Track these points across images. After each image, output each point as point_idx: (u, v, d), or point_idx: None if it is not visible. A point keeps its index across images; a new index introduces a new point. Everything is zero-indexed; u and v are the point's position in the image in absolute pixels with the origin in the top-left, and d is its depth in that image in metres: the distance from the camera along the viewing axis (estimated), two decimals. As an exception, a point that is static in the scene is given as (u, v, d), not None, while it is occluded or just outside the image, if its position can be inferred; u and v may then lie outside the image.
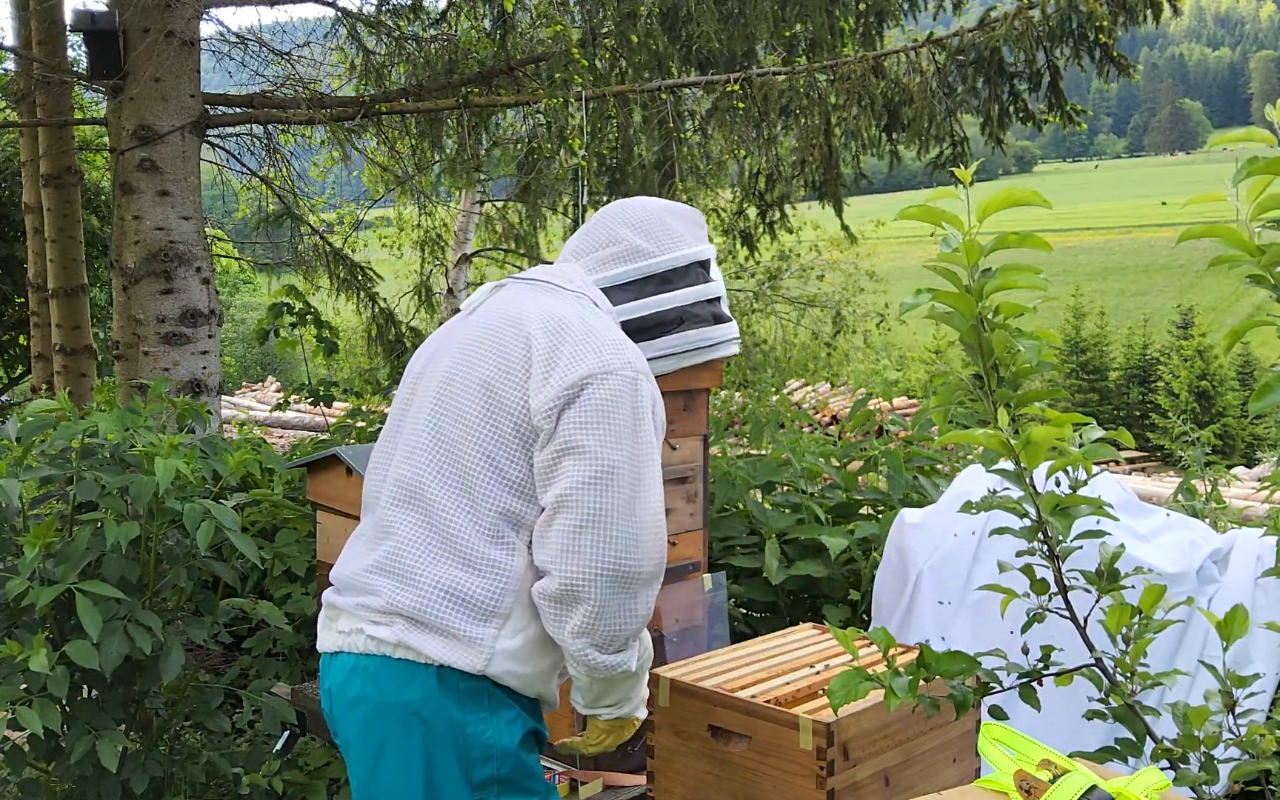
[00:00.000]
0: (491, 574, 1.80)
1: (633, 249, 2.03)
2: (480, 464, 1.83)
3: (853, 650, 1.81)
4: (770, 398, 8.03)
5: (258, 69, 6.65)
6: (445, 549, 1.82)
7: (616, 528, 1.74)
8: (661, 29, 6.07)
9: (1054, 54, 6.47)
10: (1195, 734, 1.81)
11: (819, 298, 14.24)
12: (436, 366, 1.97)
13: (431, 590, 1.80)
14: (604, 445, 1.76)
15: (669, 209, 2.10)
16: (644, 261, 2.02)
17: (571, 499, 1.75)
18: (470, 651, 1.78)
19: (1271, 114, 1.58)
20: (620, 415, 1.79)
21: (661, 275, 2.02)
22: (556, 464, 1.78)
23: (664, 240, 2.04)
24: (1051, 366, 1.83)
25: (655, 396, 1.87)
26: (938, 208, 1.75)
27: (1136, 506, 3.39)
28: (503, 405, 1.83)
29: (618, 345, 1.86)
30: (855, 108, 6.23)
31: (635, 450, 1.79)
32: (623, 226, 2.05)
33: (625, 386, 1.81)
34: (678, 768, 2.40)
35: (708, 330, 2.07)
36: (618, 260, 2.02)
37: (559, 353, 1.83)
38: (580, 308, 1.92)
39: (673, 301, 2.03)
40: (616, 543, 1.74)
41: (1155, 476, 13.69)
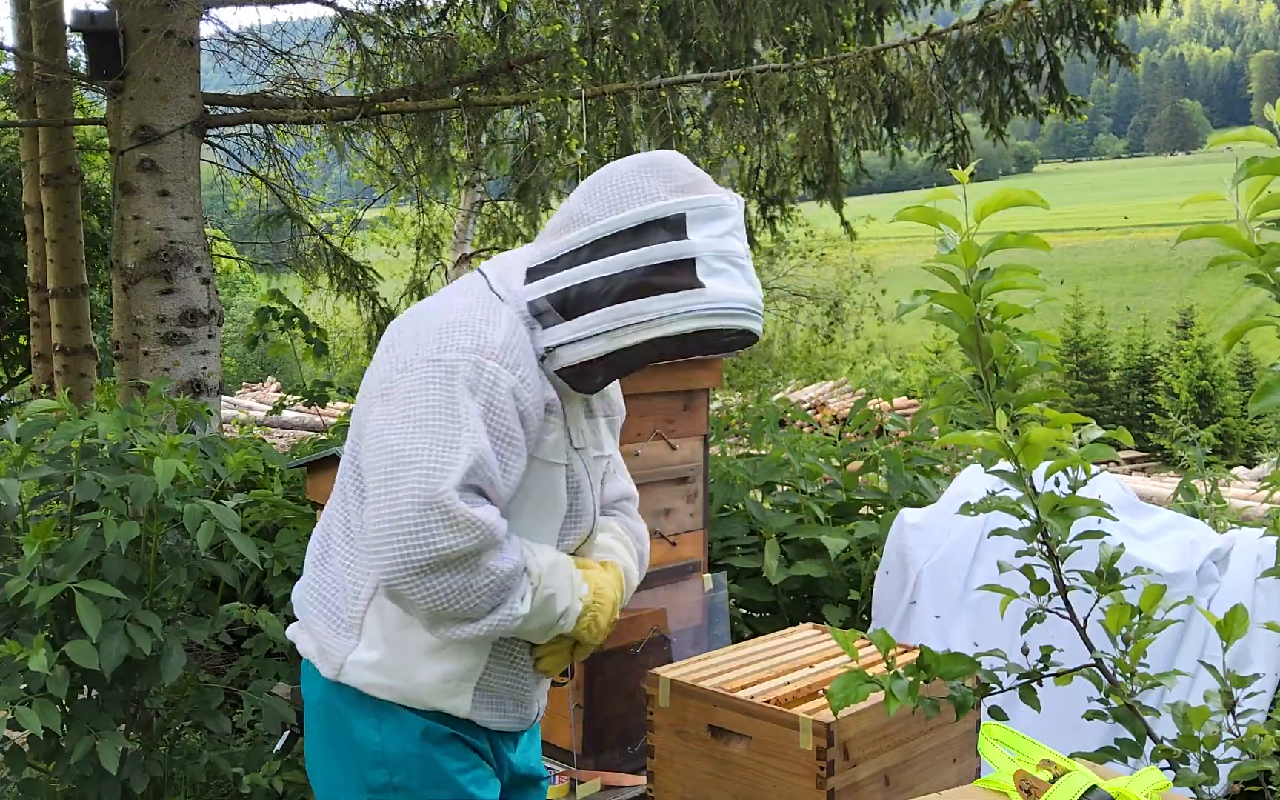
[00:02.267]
0: (346, 581, 1.74)
1: (572, 218, 1.73)
2: (348, 469, 1.77)
3: (852, 651, 1.81)
4: (771, 398, 8.04)
5: (257, 69, 6.65)
6: (321, 550, 1.80)
7: (412, 518, 1.57)
8: (660, 26, 6.07)
9: (1054, 45, 6.47)
10: (1195, 734, 1.81)
11: (816, 290, 14.24)
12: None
13: (307, 590, 1.79)
14: (398, 435, 1.61)
15: (648, 163, 1.74)
16: (578, 231, 1.71)
17: (372, 497, 1.62)
18: (324, 660, 1.74)
19: (1271, 114, 1.58)
20: (422, 402, 1.61)
21: (597, 243, 1.68)
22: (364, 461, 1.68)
23: (611, 200, 1.70)
24: (1051, 367, 1.83)
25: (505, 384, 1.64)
26: (935, 209, 1.75)
27: (1136, 507, 3.39)
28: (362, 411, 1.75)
29: (447, 329, 1.66)
30: (855, 102, 6.23)
31: (438, 435, 1.60)
32: (579, 193, 1.75)
33: (436, 373, 1.62)
34: (678, 768, 2.40)
35: (658, 299, 1.65)
36: (556, 233, 1.74)
37: (394, 341, 1.72)
38: (454, 295, 1.75)
39: (605, 270, 1.67)
40: (411, 532, 1.57)
41: (1155, 476, 13.69)
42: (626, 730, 2.93)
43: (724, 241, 1.69)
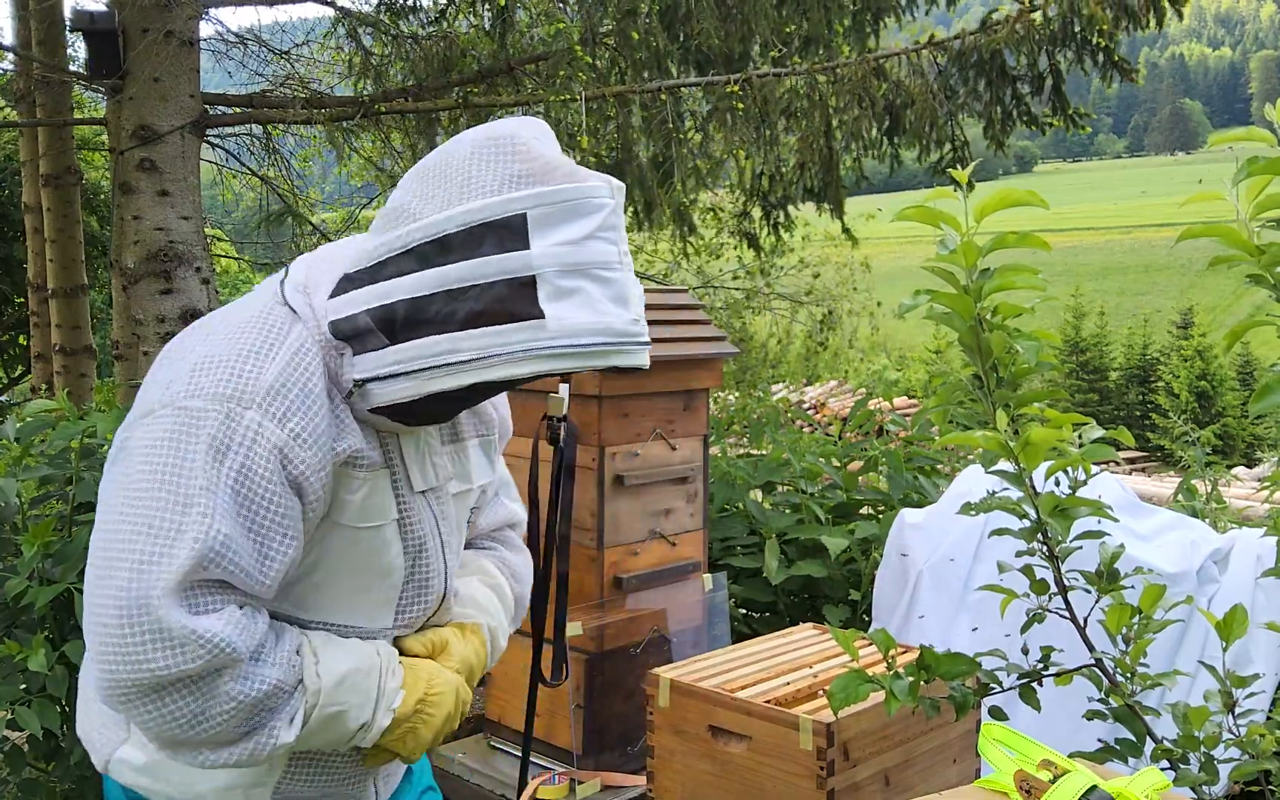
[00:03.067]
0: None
1: (397, 211, 1.32)
2: None
3: (853, 651, 1.80)
4: (770, 398, 8.04)
5: (257, 68, 6.66)
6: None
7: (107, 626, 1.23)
8: (661, 27, 6.07)
9: (1056, 57, 6.48)
10: (1195, 734, 1.81)
11: (815, 292, 14.24)
12: None
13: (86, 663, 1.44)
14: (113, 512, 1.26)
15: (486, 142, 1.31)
16: (401, 230, 1.30)
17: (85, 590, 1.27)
18: (91, 749, 1.47)
19: (1271, 113, 1.58)
20: (147, 466, 1.25)
21: (417, 250, 1.28)
22: None
23: (439, 193, 1.29)
24: (1051, 367, 1.83)
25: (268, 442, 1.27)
26: (935, 209, 1.75)
27: (1136, 507, 3.39)
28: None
29: (203, 365, 1.29)
30: (856, 109, 6.24)
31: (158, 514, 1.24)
32: (407, 177, 1.36)
33: (174, 426, 1.25)
34: (678, 768, 2.40)
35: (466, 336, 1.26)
36: (377, 229, 1.35)
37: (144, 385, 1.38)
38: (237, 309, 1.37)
39: (406, 290, 1.28)
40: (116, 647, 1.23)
41: (1155, 476, 13.70)
42: (626, 730, 2.93)
43: (582, 249, 1.27)
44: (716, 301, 13.41)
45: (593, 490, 2.88)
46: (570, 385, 2.84)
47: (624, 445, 2.94)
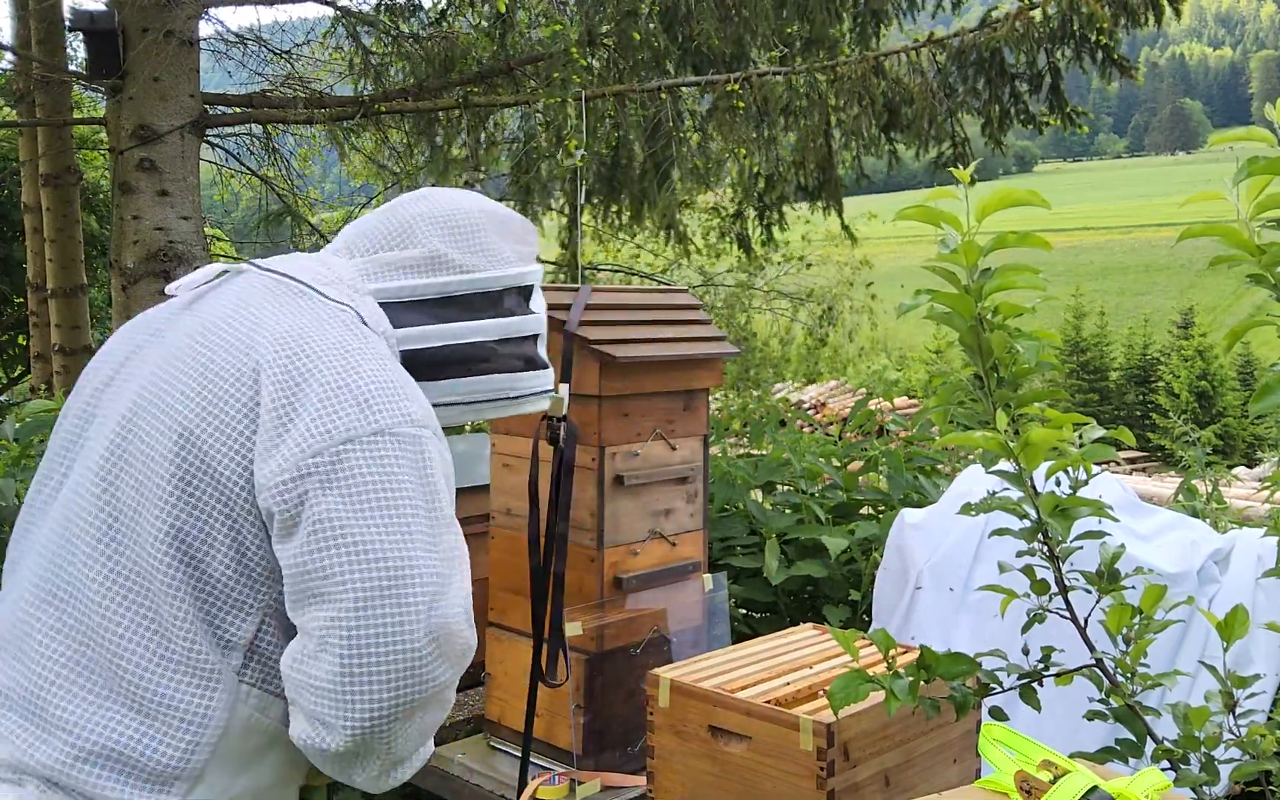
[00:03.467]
0: (174, 723, 1.27)
1: (435, 258, 1.53)
2: (167, 555, 1.27)
3: (853, 651, 1.80)
4: (770, 398, 8.04)
5: (257, 68, 6.66)
6: (104, 682, 1.27)
7: (413, 648, 1.24)
8: (661, 27, 6.08)
9: (1055, 55, 6.48)
10: (1196, 735, 1.81)
11: (815, 292, 14.25)
12: (125, 386, 1.39)
13: (78, 744, 1.26)
14: (387, 530, 1.26)
15: (492, 214, 1.62)
16: (448, 277, 1.52)
17: (349, 622, 1.23)
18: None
19: (1272, 113, 1.58)
20: (398, 485, 1.29)
21: (466, 298, 1.54)
22: (314, 570, 1.25)
23: (478, 254, 1.56)
24: (1051, 367, 1.83)
25: (446, 457, 1.41)
26: (936, 208, 1.75)
27: (1137, 507, 3.39)
28: (207, 469, 1.29)
29: (392, 389, 1.35)
30: (855, 107, 6.25)
31: (432, 536, 1.30)
32: (428, 225, 1.55)
33: (405, 450, 1.32)
34: (677, 768, 2.40)
35: (515, 377, 1.58)
36: (414, 269, 1.52)
37: (300, 400, 1.29)
38: (341, 328, 1.39)
39: (475, 334, 1.54)
40: (414, 668, 1.24)
41: (1156, 476, 13.69)
42: (626, 730, 2.93)
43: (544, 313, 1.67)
44: (717, 301, 13.41)
45: (592, 490, 2.88)
46: (570, 385, 2.84)
47: (624, 445, 2.94)
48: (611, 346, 2.86)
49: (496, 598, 3.09)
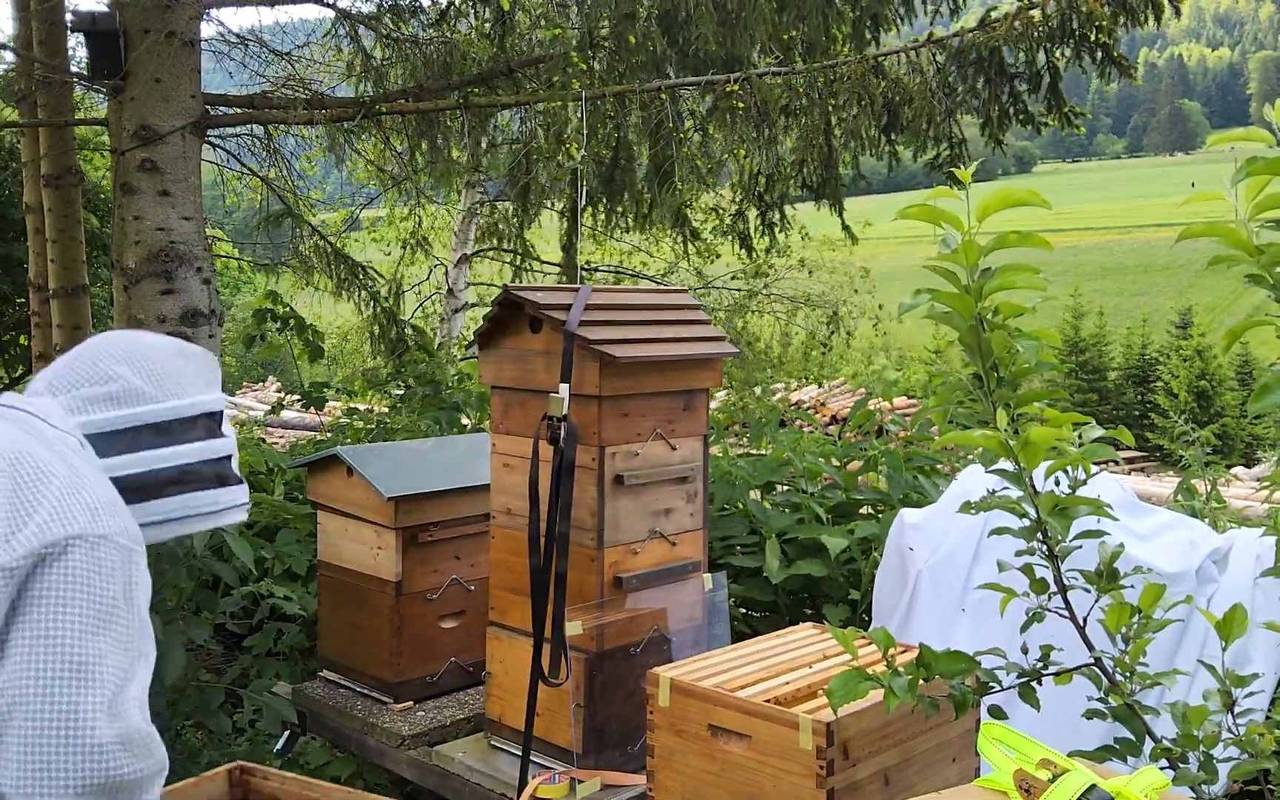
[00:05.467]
0: None
1: (129, 390, 1.69)
2: None
3: (852, 650, 1.81)
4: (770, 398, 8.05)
5: (258, 69, 6.66)
6: None
7: (101, 729, 1.36)
8: (660, 31, 6.08)
9: (1054, 55, 6.47)
10: (1194, 733, 1.81)
11: (815, 298, 14.24)
12: None
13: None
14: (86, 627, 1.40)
15: (178, 349, 1.80)
16: (141, 406, 1.68)
17: (35, 700, 1.34)
18: None
19: (1270, 114, 1.58)
20: (109, 591, 1.44)
21: (160, 425, 1.70)
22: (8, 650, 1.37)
23: (168, 383, 1.73)
24: (1051, 366, 1.83)
25: (146, 578, 1.55)
26: (937, 207, 1.75)
27: (1136, 506, 3.39)
28: None
29: (114, 506, 1.53)
30: (855, 108, 6.24)
31: (124, 634, 1.44)
32: (117, 362, 1.70)
33: (119, 558, 1.47)
34: (677, 767, 2.41)
35: (213, 492, 1.75)
36: (109, 402, 1.67)
37: (37, 502, 1.44)
38: (64, 451, 1.56)
39: (174, 459, 1.70)
40: (103, 750, 1.36)
41: (1154, 476, 13.68)
42: (626, 730, 2.94)
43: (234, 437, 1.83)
44: (721, 301, 13.40)
45: (593, 490, 2.88)
46: (570, 385, 2.85)
47: (624, 445, 2.94)
48: (611, 346, 2.87)
49: (496, 597, 3.10)
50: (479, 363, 3.19)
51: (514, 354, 3.05)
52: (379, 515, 3.25)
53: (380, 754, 3.17)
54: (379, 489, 3.19)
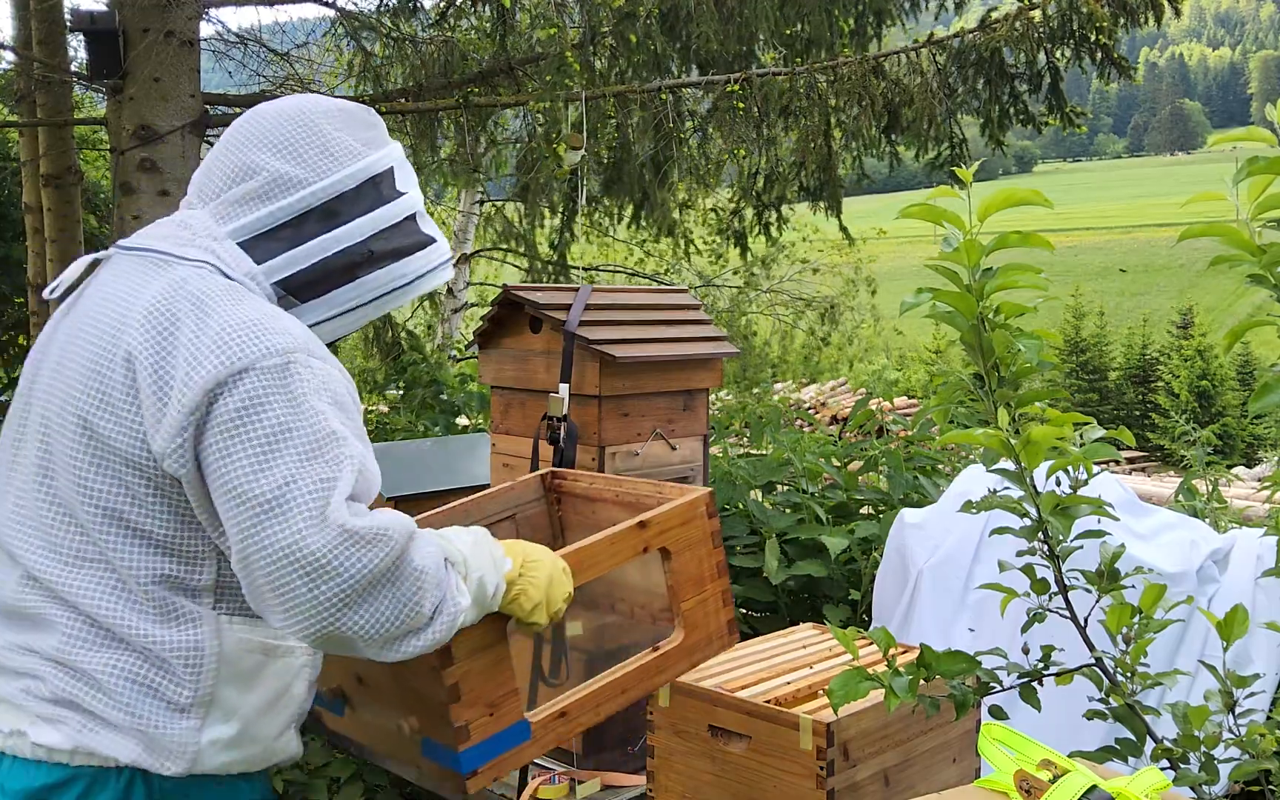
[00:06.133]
0: (173, 659, 1.41)
1: (277, 179, 1.51)
2: (110, 528, 1.41)
3: (853, 650, 1.80)
4: (771, 398, 8.05)
5: (257, 69, 6.65)
6: (109, 638, 1.42)
7: (318, 549, 1.33)
8: (661, 29, 6.07)
9: (1055, 55, 6.48)
10: (1195, 734, 1.81)
11: (816, 299, 14.25)
12: (39, 391, 1.51)
13: (109, 677, 1.41)
14: (256, 467, 1.34)
15: (324, 111, 1.58)
16: (294, 194, 1.51)
17: (252, 553, 1.34)
18: (169, 755, 1.41)
19: (1271, 113, 1.58)
20: (265, 418, 1.36)
21: (321, 208, 1.52)
22: (218, 513, 1.39)
23: (320, 159, 1.53)
24: (1052, 366, 1.83)
25: (323, 373, 1.43)
26: (939, 207, 1.75)
27: (1136, 506, 3.39)
28: (117, 452, 1.40)
29: (247, 327, 1.40)
30: (855, 108, 6.24)
31: (302, 446, 1.36)
32: (262, 149, 1.53)
33: (269, 381, 1.37)
34: (678, 768, 2.40)
35: (399, 265, 1.57)
36: (257, 199, 1.51)
37: (171, 368, 1.38)
38: (198, 283, 1.44)
39: (344, 241, 1.53)
40: (330, 571, 1.33)
41: (1155, 476, 13.69)
42: (626, 730, 2.93)
43: (417, 187, 1.65)
44: (719, 301, 13.40)
45: (593, 490, 2.88)
46: (570, 385, 2.85)
47: (624, 445, 2.94)
48: (611, 346, 2.86)
49: (497, 597, 3.09)
50: (479, 363, 3.19)
51: (514, 354, 3.05)
52: (378, 515, 3.26)
53: (380, 754, 3.17)
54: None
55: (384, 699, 1.72)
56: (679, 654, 1.91)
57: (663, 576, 1.91)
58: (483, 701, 1.63)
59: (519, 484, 2.27)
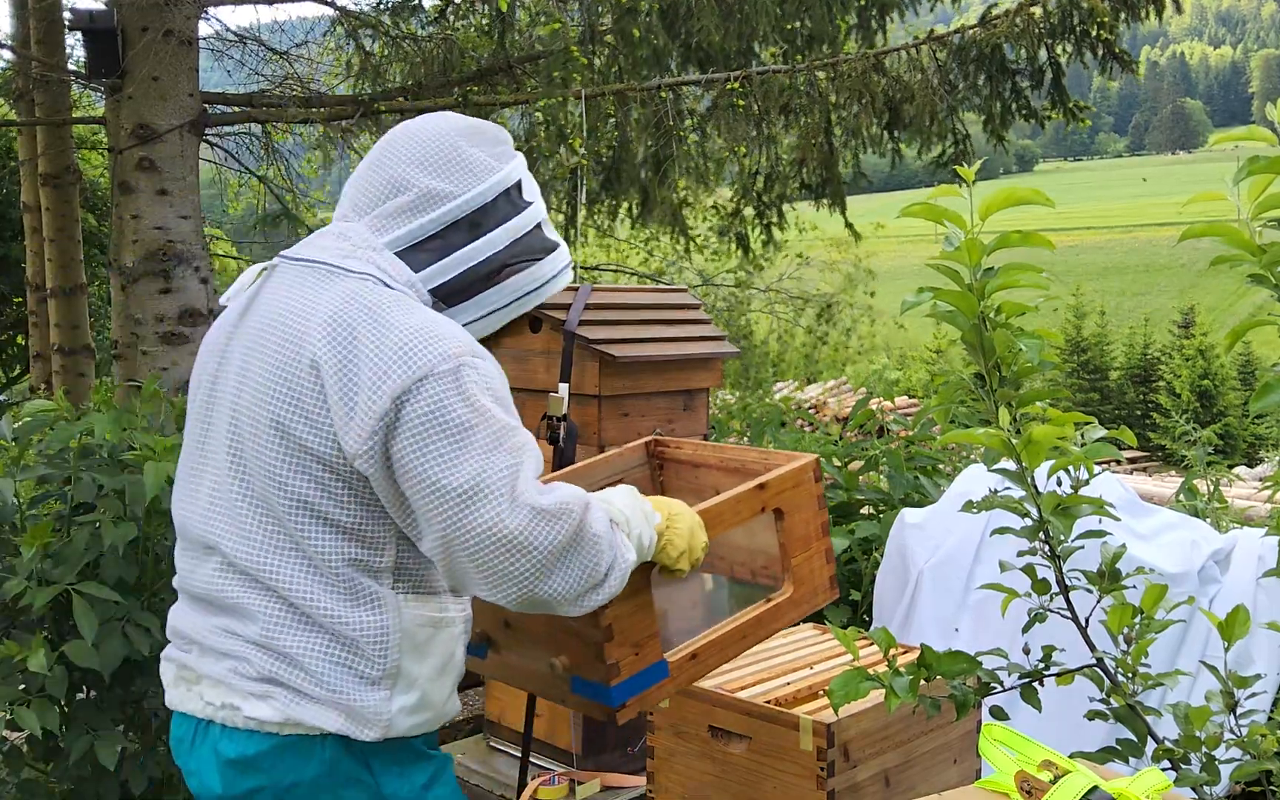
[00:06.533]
0: (363, 640, 1.58)
1: (428, 195, 1.67)
2: (306, 519, 1.57)
3: (853, 650, 1.80)
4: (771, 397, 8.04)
5: (256, 68, 6.65)
6: (307, 622, 1.59)
7: (515, 529, 1.50)
8: (661, 26, 6.07)
9: (1056, 50, 6.47)
10: (1196, 734, 1.80)
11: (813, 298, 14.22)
12: (223, 396, 1.66)
13: (309, 658, 1.58)
14: (450, 464, 1.50)
15: (463, 131, 1.73)
16: (442, 208, 1.66)
17: (455, 539, 1.51)
18: (367, 724, 1.59)
19: (1272, 113, 1.57)
20: (450, 418, 1.51)
21: (468, 219, 1.68)
22: (414, 506, 1.54)
23: (463, 175, 1.68)
24: (1053, 366, 1.82)
25: (486, 371, 1.57)
26: (940, 206, 1.74)
27: (1137, 506, 3.38)
28: (309, 451, 1.56)
29: (421, 335, 1.54)
30: (856, 105, 6.24)
31: (485, 440, 1.51)
32: (411, 166, 1.68)
33: (447, 385, 1.52)
34: (678, 768, 2.40)
35: (535, 267, 1.73)
36: (411, 212, 1.66)
37: (356, 375, 1.53)
38: (369, 298, 1.58)
39: (486, 250, 1.68)
40: (526, 546, 1.51)
41: (1157, 476, 13.67)
42: (626, 730, 2.93)
43: (540, 197, 1.78)
44: (719, 301, 13.39)
45: (592, 490, 2.87)
46: (570, 385, 2.84)
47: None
48: (611, 346, 2.86)
49: (496, 597, 3.09)
50: (478, 362, 3.18)
51: (513, 353, 3.04)
52: (378, 515, 3.24)
53: (379, 755, 3.16)
54: (377, 489, 3.18)
55: (533, 641, 1.90)
56: (788, 606, 2.08)
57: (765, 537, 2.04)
58: (630, 642, 1.82)
59: (625, 450, 2.40)
